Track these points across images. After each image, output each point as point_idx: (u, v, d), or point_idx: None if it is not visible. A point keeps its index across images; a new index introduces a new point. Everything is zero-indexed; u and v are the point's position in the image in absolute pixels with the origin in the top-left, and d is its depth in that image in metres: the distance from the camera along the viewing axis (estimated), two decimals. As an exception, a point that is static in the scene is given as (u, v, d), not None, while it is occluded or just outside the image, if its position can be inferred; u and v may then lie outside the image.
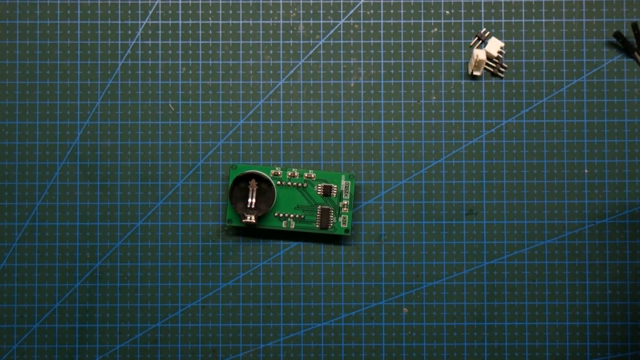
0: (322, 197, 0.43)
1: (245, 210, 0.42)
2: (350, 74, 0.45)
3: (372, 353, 0.44)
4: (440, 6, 0.45)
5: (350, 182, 0.43)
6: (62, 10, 0.45)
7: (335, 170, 0.44)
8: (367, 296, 0.44)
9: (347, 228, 0.43)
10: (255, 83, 0.45)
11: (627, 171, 0.45)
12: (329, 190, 0.43)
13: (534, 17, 0.45)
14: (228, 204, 0.42)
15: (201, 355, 0.44)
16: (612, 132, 0.45)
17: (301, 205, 0.43)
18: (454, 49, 0.45)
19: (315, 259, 0.44)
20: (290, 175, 0.43)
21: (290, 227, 0.43)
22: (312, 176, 0.43)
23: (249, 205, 0.42)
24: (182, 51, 0.45)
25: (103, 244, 0.44)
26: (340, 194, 0.43)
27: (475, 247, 0.44)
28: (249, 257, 0.44)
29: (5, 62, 0.45)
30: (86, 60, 0.45)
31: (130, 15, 0.45)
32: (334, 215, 0.43)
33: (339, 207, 0.43)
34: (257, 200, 0.42)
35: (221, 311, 0.44)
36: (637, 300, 0.44)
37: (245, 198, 0.42)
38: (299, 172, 0.43)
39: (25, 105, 0.44)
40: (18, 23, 0.45)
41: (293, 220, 0.43)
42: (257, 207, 0.42)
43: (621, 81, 0.45)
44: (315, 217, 0.43)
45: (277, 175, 0.43)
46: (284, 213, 0.43)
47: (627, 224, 0.45)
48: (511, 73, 0.45)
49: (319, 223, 0.43)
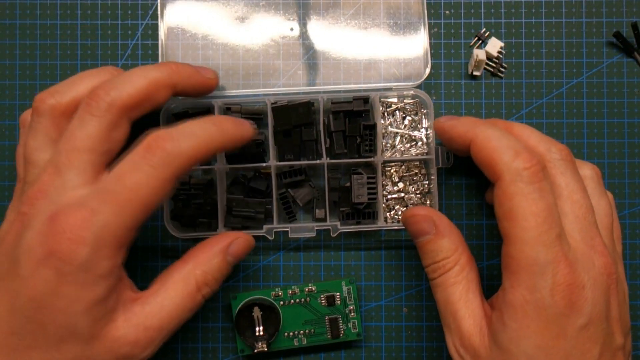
0: (327, 307, 0.43)
1: (254, 338, 0.42)
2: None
3: (372, 353, 0.44)
4: (440, 6, 0.45)
5: (352, 286, 0.43)
6: (62, 10, 0.45)
7: (336, 278, 0.44)
8: (367, 296, 0.44)
9: (359, 332, 0.43)
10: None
11: (627, 171, 0.45)
12: (332, 300, 0.43)
13: (534, 17, 0.45)
14: (236, 336, 0.42)
15: (201, 355, 0.44)
16: (612, 132, 0.45)
17: (308, 319, 0.43)
18: (454, 49, 0.45)
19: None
20: (292, 293, 0.43)
21: (302, 343, 0.43)
22: (312, 289, 0.43)
23: (257, 333, 0.42)
24: (183, 51, 0.45)
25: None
26: (345, 300, 0.43)
27: (476, 247, 0.44)
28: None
29: (5, 62, 0.45)
30: (86, 60, 0.45)
31: (130, 15, 0.45)
32: (343, 322, 0.43)
33: (346, 314, 0.43)
34: (264, 325, 0.42)
35: (221, 311, 0.44)
36: (637, 300, 0.44)
37: (252, 326, 0.42)
38: (299, 287, 0.43)
39: (26, 105, 0.44)
40: (18, 23, 0.45)
41: (304, 336, 0.43)
42: (266, 331, 0.42)
43: (621, 81, 0.45)
44: (325, 328, 0.43)
45: (278, 296, 0.43)
46: (293, 331, 0.43)
47: (627, 224, 0.45)
48: (511, 73, 0.45)
49: (329, 334, 0.43)
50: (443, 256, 0.36)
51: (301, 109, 0.42)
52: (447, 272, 0.36)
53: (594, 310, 0.31)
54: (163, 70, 0.36)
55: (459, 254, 0.36)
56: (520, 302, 0.32)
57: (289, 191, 0.43)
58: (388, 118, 0.43)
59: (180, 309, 0.35)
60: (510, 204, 0.32)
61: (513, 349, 0.32)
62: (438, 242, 0.37)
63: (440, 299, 0.36)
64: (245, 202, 0.43)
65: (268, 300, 0.43)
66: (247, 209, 0.42)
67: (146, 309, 0.35)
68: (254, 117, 0.43)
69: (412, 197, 0.43)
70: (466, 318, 0.35)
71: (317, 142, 0.43)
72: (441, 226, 0.37)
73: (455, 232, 0.37)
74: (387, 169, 0.43)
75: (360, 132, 0.42)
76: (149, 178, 0.32)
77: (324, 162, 0.42)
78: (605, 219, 0.37)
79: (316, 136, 0.43)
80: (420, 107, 0.44)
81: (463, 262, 0.36)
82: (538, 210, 0.32)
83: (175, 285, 0.36)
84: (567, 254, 0.32)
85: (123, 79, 0.34)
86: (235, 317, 0.42)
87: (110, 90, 0.33)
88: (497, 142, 0.34)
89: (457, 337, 0.35)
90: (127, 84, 0.34)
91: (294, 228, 0.42)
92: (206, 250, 0.37)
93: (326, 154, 0.42)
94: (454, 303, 0.35)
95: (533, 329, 0.31)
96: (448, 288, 0.36)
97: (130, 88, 0.34)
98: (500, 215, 0.33)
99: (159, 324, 0.35)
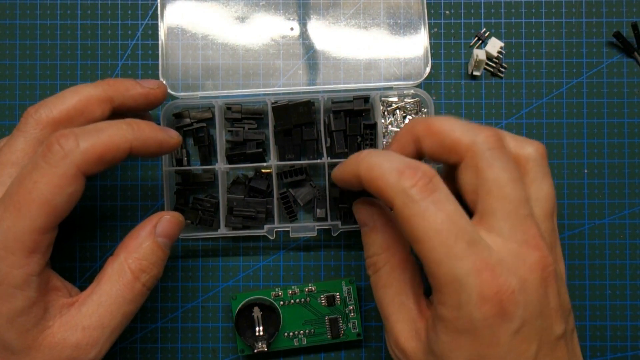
0: (327, 307, 0.43)
1: (254, 338, 0.42)
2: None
3: (372, 353, 0.44)
4: (440, 6, 0.45)
5: (352, 286, 0.43)
6: (62, 10, 0.45)
7: (336, 276, 0.44)
8: (367, 296, 0.44)
9: (359, 332, 0.43)
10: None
11: (627, 171, 0.45)
12: (332, 300, 0.43)
13: (534, 17, 0.45)
14: (236, 336, 0.42)
15: (201, 355, 0.44)
16: (612, 132, 0.45)
17: (308, 319, 0.43)
18: (454, 49, 0.45)
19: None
20: (292, 293, 0.43)
21: (302, 343, 0.43)
22: (312, 289, 0.43)
23: (257, 333, 0.42)
24: (183, 51, 0.45)
25: (103, 243, 0.44)
26: (345, 299, 0.43)
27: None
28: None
29: (5, 62, 0.45)
30: (86, 60, 0.45)
31: (130, 15, 0.45)
32: (343, 322, 0.43)
33: (346, 314, 0.43)
34: (263, 325, 0.42)
35: (221, 311, 0.44)
36: (637, 300, 0.44)
37: (252, 327, 0.42)
38: (299, 287, 0.43)
39: (26, 105, 0.44)
40: (18, 23, 0.45)
41: (304, 336, 0.43)
42: (266, 331, 0.42)
43: (621, 81, 0.45)
44: (325, 328, 0.43)
45: (278, 296, 0.43)
46: (293, 331, 0.43)
47: (627, 224, 0.45)
48: (511, 73, 0.45)
49: (329, 334, 0.43)
50: (373, 251, 0.35)
51: (301, 108, 0.42)
52: (377, 270, 0.35)
53: (525, 312, 0.30)
54: (97, 86, 0.36)
55: (390, 254, 0.35)
56: (449, 318, 0.30)
57: (290, 191, 0.43)
58: (388, 117, 0.43)
59: (119, 302, 0.34)
60: (410, 226, 0.30)
61: (447, 359, 0.31)
62: (371, 236, 0.36)
63: (375, 298, 0.35)
64: (246, 201, 0.43)
65: (268, 300, 0.42)
66: (248, 208, 0.42)
67: (83, 309, 0.34)
68: (255, 116, 0.43)
69: None
70: (400, 322, 0.34)
71: (317, 142, 0.43)
72: (378, 221, 0.36)
73: (391, 230, 0.35)
74: None
75: (361, 131, 0.42)
76: (46, 176, 0.31)
77: (324, 162, 0.42)
78: (546, 204, 0.34)
79: (317, 136, 0.43)
80: (421, 107, 0.44)
81: (394, 263, 0.35)
82: (437, 225, 0.30)
83: (109, 279, 0.35)
84: (488, 259, 0.30)
85: (55, 96, 0.35)
86: (235, 317, 0.42)
87: (39, 108, 0.34)
88: (378, 169, 0.32)
89: (392, 339, 0.34)
90: (57, 100, 0.34)
91: (295, 228, 0.42)
92: (134, 237, 0.36)
93: (327, 154, 0.42)
94: (386, 306, 0.34)
95: (464, 342, 0.30)
96: (379, 290, 0.35)
97: (60, 104, 0.34)
98: (408, 239, 0.31)
99: (98, 321, 0.34)
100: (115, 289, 0.34)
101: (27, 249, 0.31)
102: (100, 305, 0.34)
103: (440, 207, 0.30)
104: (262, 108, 0.44)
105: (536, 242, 0.31)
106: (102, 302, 0.34)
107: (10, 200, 0.31)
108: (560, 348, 0.32)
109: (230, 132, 0.44)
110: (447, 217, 0.30)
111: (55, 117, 0.34)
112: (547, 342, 0.31)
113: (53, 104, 0.34)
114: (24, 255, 0.31)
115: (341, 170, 0.36)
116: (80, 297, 0.34)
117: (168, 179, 0.43)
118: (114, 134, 0.33)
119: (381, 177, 0.31)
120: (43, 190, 0.31)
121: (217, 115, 0.43)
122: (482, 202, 0.32)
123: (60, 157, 0.31)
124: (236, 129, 0.43)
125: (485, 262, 0.30)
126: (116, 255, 0.36)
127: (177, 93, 0.43)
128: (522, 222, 0.32)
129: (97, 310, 0.34)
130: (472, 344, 0.30)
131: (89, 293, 0.34)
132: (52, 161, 0.31)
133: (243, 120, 0.44)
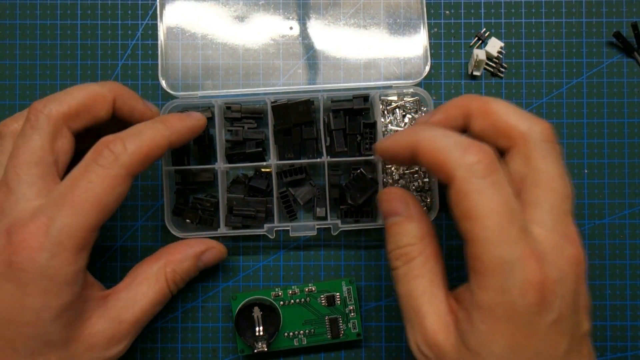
0: (327, 307, 0.43)
1: (254, 338, 0.41)
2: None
3: (372, 353, 0.44)
4: (440, 6, 0.45)
5: (352, 286, 0.43)
6: (62, 10, 0.45)
7: (336, 276, 0.44)
8: (367, 296, 0.44)
9: (359, 332, 0.43)
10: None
11: (627, 171, 0.45)
12: (332, 300, 0.43)
13: (534, 17, 0.45)
14: (236, 336, 0.42)
15: (201, 355, 0.44)
16: (612, 132, 0.45)
17: (309, 319, 0.43)
18: (454, 49, 0.45)
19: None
20: (292, 293, 0.43)
21: (302, 343, 0.43)
22: (312, 289, 0.43)
23: (257, 333, 0.42)
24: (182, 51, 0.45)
25: (103, 243, 0.44)
26: (345, 300, 0.43)
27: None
28: None
29: (6, 62, 0.45)
30: (86, 60, 0.45)
31: (130, 15, 0.45)
32: (343, 322, 0.43)
33: (346, 314, 0.43)
34: (263, 325, 0.42)
35: (221, 311, 0.44)
36: (637, 300, 0.44)
37: (252, 327, 0.42)
38: (299, 287, 0.43)
39: (26, 105, 0.44)
40: (18, 23, 0.45)
41: (304, 336, 0.43)
42: (266, 331, 0.42)
43: (621, 81, 0.45)
44: (325, 328, 0.43)
45: (278, 296, 0.43)
46: (293, 331, 0.43)
47: (627, 224, 0.45)
48: (511, 73, 0.45)
49: (329, 333, 0.43)
50: (407, 242, 0.35)
51: (301, 107, 0.42)
52: (410, 261, 0.34)
53: (562, 304, 0.30)
54: (104, 85, 0.37)
55: (425, 244, 0.34)
56: (489, 304, 0.30)
57: (290, 190, 0.43)
58: (388, 116, 0.43)
59: (152, 303, 0.37)
60: (467, 202, 0.30)
61: (482, 350, 0.30)
62: (406, 225, 0.35)
63: (402, 292, 0.34)
64: (246, 201, 0.43)
65: (268, 300, 0.42)
66: (247, 208, 0.42)
67: (119, 303, 0.36)
68: (254, 116, 0.43)
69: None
70: (430, 314, 0.33)
71: (317, 141, 0.43)
72: (413, 210, 0.35)
73: (426, 220, 0.35)
74: (388, 167, 0.43)
75: (361, 130, 0.42)
76: (100, 177, 0.32)
77: (324, 161, 0.42)
78: (558, 184, 0.34)
79: (316, 135, 0.43)
80: (420, 105, 0.44)
81: (428, 253, 0.34)
82: (496, 205, 0.30)
83: (147, 280, 0.38)
84: (534, 248, 0.30)
85: (64, 92, 0.36)
86: (235, 317, 0.42)
87: (47, 103, 0.35)
88: (442, 142, 0.32)
89: (420, 334, 0.33)
90: (66, 96, 0.35)
91: (295, 227, 0.42)
92: (180, 250, 0.40)
93: (326, 153, 0.42)
94: (417, 297, 0.34)
95: (503, 330, 0.30)
96: (411, 280, 0.34)
97: (69, 99, 0.35)
98: (459, 216, 0.31)
99: (132, 317, 0.36)
100: (151, 291, 0.37)
101: (78, 246, 0.32)
102: (136, 302, 0.37)
103: (500, 189, 0.30)
104: (261, 107, 0.44)
105: (574, 237, 0.32)
106: (137, 299, 0.37)
107: (63, 199, 0.32)
108: (586, 345, 0.33)
109: (230, 132, 0.44)
110: (506, 200, 0.30)
111: (65, 111, 0.35)
112: (577, 338, 0.32)
113: (62, 99, 0.35)
114: (75, 252, 0.32)
115: (393, 141, 0.35)
116: (115, 289, 0.37)
117: (168, 179, 0.43)
118: (154, 134, 0.35)
119: (444, 150, 0.31)
120: (97, 190, 0.32)
121: (217, 114, 0.43)
122: (529, 192, 0.32)
123: (112, 160, 0.33)
124: (236, 128, 0.43)
125: (532, 250, 0.30)
126: (156, 259, 0.39)
127: (176, 93, 0.43)
128: (564, 217, 0.32)
129: (132, 307, 0.36)
130: (510, 333, 0.30)
131: (123, 288, 0.37)
132: (105, 163, 0.33)
133: (243, 119, 0.44)
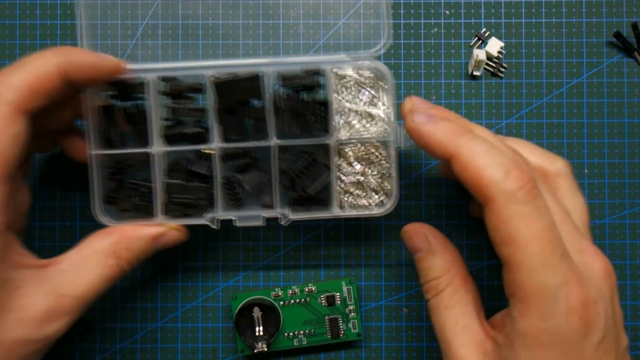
0: (327, 307, 0.43)
1: (254, 338, 0.41)
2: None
3: (372, 353, 0.44)
4: (440, 6, 0.45)
5: (352, 286, 0.43)
6: (62, 10, 0.45)
7: (336, 276, 0.44)
8: (367, 296, 0.44)
9: (359, 332, 0.43)
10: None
11: (627, 171, 0.45)
12: (332, 300, 0.43)
13: (534, 17, 0.45)
14: (236, 336, 0.42)
15: (201, 355, 0.44)
16: (612, 132, 0.45)
17: (309, 319, 0.43)
18: (454, 49, 0.45)
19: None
20: (292, 293, 0.43)
21: (302, 343, 0.43)
22: (312, 289, 0.43)
23: (257, 333, 0.41)
24: (182, 51, 0.45)
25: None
26: (345, 300, 0.43)
27: (475, 246, 0.44)
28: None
29: (6, 62, 0.45)
30: (86, 60, 0.45)
31: (130, 15, 0.45)
32: (343, 322, 0.43)
33: (346, 314, 0.43)
34: (263, 325, 0.42)
35: (221, 311, 0.44)
36: (637, 300, 0.44)
37: (252, 327, 0.42)
38: (299, 287, 0.43)
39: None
40: (18, 23, 0.45)
41: (304, 336, 0.43)
42: (266, 331, 0.42)
43: (621, 81, 0.45)
44: (325, 328, 0.43)
45: (278, 296, 0.43)
46: (293, 331, 0.43)
47: (627, 224, 0.45)
48: (511, 73, 0.45)
49: (329, 333, 0.43)
50: (434, 275, 0.34)
51: (247, 83, 0.38)
52: (439, 293, 0.34)
53: (605, 322, 0.30)
54: (48, 59, 0.33)
55: (451, 275, 0.34)
56: (533, 331, 0.29)
57: (237, 175, 0.39)
58: (344, 93, 0.39)
59: (100, 279, 0.34)
60: (509, 228, 0.29)
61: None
62: (429, 260, 0.35)
63: (435, 323, 0.34)
64: (186, 187, 0.38)
65: (268, 300, 0.42)
66: (187, 195, 0.38)
67: (60, 275, 0.33)
68: (195, 93, 0.40)
69: (370, 181, 0.40)
70: (464, 345, 0.32)
71: (264, 121, 0.39)
72: (434, 243, 0.35)
73: (450, 250, 0.35)
74: (343, 148, 0.39)
75: (313, 109, 0.38)
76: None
77: (271, 144, 0.38)
78: (582, 216, 0.35)
79: (263, 114, 0.38)
80: (378, 80, 0.39)
81: (457, 284, 0.34)
82: (539, 232, 0.29)
83: (96, 254, 0.34)
84: (575, 271, 0.29)
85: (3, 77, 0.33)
86: (235, 317, 0.42)
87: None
88: (484, 159, 0.30)
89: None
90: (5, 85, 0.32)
91: (241, 217, 0.38)
92: (138, 229, 0.36)
93: (275, 135, 0.38)
94: (448, 329, 0.33)
95: (549, 356, 0.29)
96: (441, 312, 0.34)
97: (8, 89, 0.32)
98: (499, 241, 0.30)
99: (76, 291, 0.33)
100: (99, 266, 0.34)
101: None
102: (80, 276, 0.33)
103: (542, 214, 0.30)
104: (201, 85, 0.39)
105: (593, 250, 0.31)
106: (82, 273, 0.34)
107: None
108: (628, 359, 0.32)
109: (167, 110, 0.39)
110: (547, 226, 0.29)
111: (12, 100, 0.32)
112: (620, 354, 0.31)
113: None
114: None
115: (429, 132, 0.33)
116: (56, 260, 0.34)
117: (96, 164, 0.37)
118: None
119: (485, 170, 0.30)
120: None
121: (152, 91, 0.38)
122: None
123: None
124: (174, 106, 0.39)
125: (573, 275, 0.29)
126: (108, 234, 0.35)
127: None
128: (571, 235, 0.31)
129: (74, 281, 0.33)
130: (556, 359, 0.29)
131: (67, 259, 0.34)
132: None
133: (182, 95, 0.39)
